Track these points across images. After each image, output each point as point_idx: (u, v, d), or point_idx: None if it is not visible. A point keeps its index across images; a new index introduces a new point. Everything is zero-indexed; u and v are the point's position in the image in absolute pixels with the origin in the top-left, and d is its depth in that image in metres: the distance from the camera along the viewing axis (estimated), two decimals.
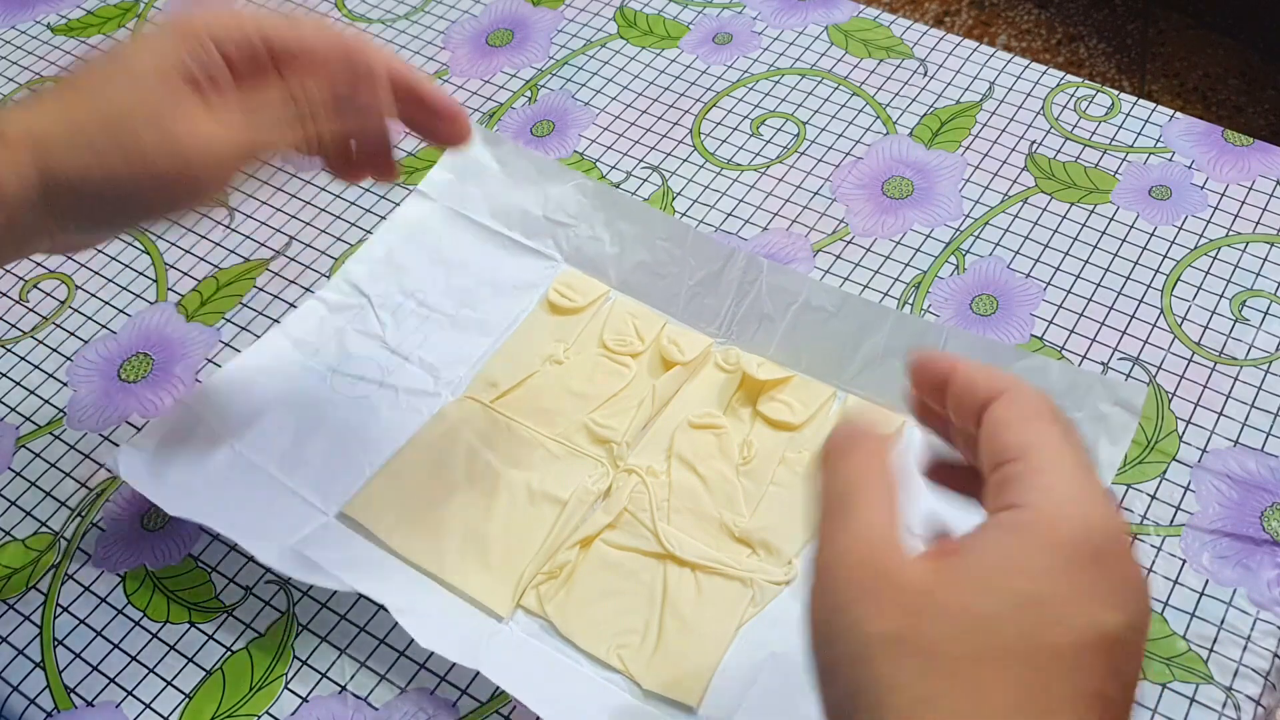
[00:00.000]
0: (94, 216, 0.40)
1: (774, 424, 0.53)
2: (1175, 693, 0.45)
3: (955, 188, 0.62)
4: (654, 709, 0.45)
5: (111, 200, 0.39)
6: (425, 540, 0.50)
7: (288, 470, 0.52)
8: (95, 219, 0.41)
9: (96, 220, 0.41)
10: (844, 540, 0.30)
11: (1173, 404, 0.53)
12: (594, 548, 0.50)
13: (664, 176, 0.63)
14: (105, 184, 0.39)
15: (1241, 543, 0.49)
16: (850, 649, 0.28)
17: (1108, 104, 0.65)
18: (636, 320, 0.56)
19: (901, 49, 0.69)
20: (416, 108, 0.44)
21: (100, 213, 0.40)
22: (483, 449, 0.52)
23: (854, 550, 0.29)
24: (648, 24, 0.72)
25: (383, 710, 0.47)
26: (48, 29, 0.75)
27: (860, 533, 0.30)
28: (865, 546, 0.29)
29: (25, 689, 0.48)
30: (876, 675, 0.27)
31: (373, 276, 0.59)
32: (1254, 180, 0.61)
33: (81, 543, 0.52)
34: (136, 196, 0.40)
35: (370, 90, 0.43)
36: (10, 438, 0.56)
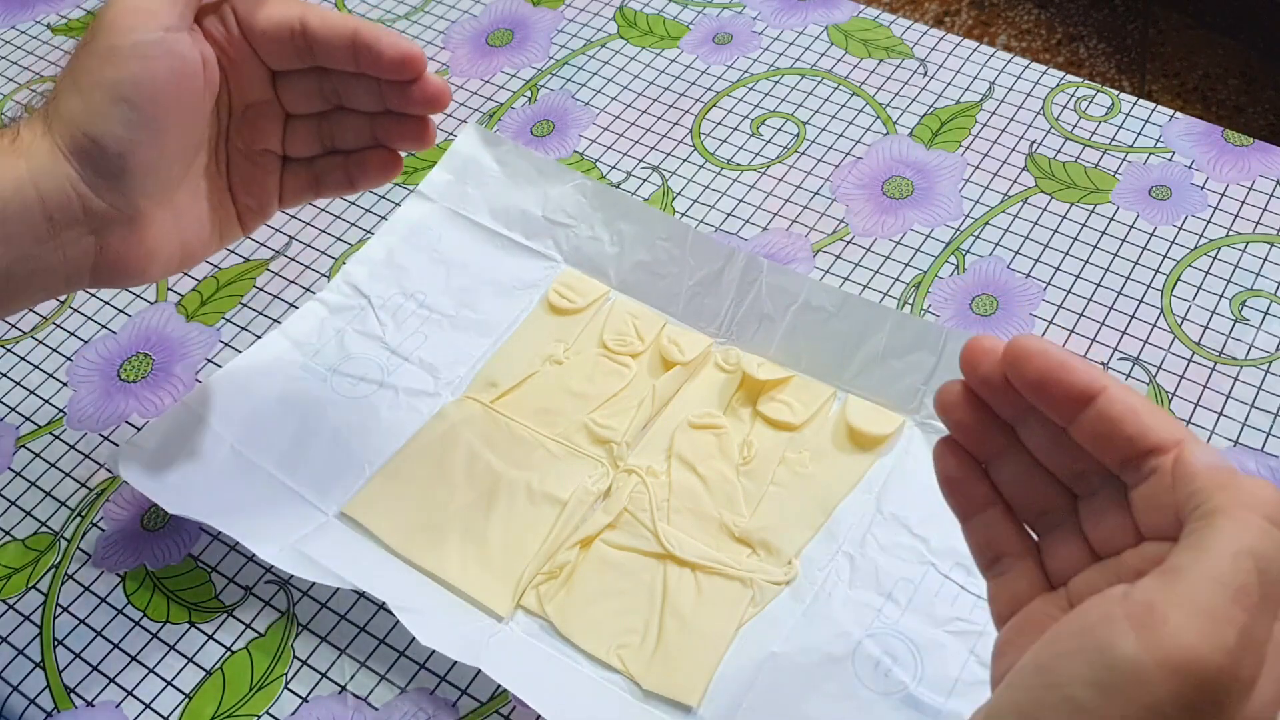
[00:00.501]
0: (106, 142, 0.39)
1: (774, 424, 0.53)
2: None
3: (955, 188, 0.62)
4: (654, 709, 0.45)
5: (114, 102, 0.39)
6: (425, 540, 0.50)
7: (288, 470, 0.52)
8: (109, 146, 0.39)
9: (113, 148, 0.39)
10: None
11: (1173, 404, 0.53)
12: (594, 548, 0.50)
13: (664, 176, 0.64)
14: (107, 89, 0.39)
15: None
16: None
17: (1108, 104, 0.65)
18: (636, 320, 0.56)
19: (901, 49, 0.69)
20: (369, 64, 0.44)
21: (111, 130, 0.39)
22: (483, 449, 0.52)
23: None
24: (648, 24, 0.72)
25: (383, 710, 0.47)
26: (48, 29, 0.75)
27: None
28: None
29: (25, 689, 0.48)
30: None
31: (373, 277, 0.59)
32: (1254, 180, 0.61)
33: (81, 543, 0.52)
34: (130, 85, 0.39)
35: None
36: (10, 438, 0.56)
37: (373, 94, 0.45)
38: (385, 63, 0.43)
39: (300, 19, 0.43)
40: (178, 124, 0.41)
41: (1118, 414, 0.31)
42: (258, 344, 0.56)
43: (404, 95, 0.44)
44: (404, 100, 0.44)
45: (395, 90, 0.44)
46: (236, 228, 0.47)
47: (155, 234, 0.42)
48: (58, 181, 0.39)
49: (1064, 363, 0.31)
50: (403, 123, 0.46)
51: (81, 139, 0.39)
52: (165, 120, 0.40)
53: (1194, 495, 0.28)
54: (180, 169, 0.42)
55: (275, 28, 0.43)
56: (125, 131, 0.39)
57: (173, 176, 0.42)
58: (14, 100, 0.71)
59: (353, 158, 0.47)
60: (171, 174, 0.42)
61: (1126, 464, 0.31)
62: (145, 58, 0.39)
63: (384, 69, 0.43)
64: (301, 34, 0.43)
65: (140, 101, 0.39)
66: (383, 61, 0.43)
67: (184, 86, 0.40)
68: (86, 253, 0.40)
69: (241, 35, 0.43)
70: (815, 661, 0.46)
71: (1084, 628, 0.28)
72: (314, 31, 0.43)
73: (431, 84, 0.44)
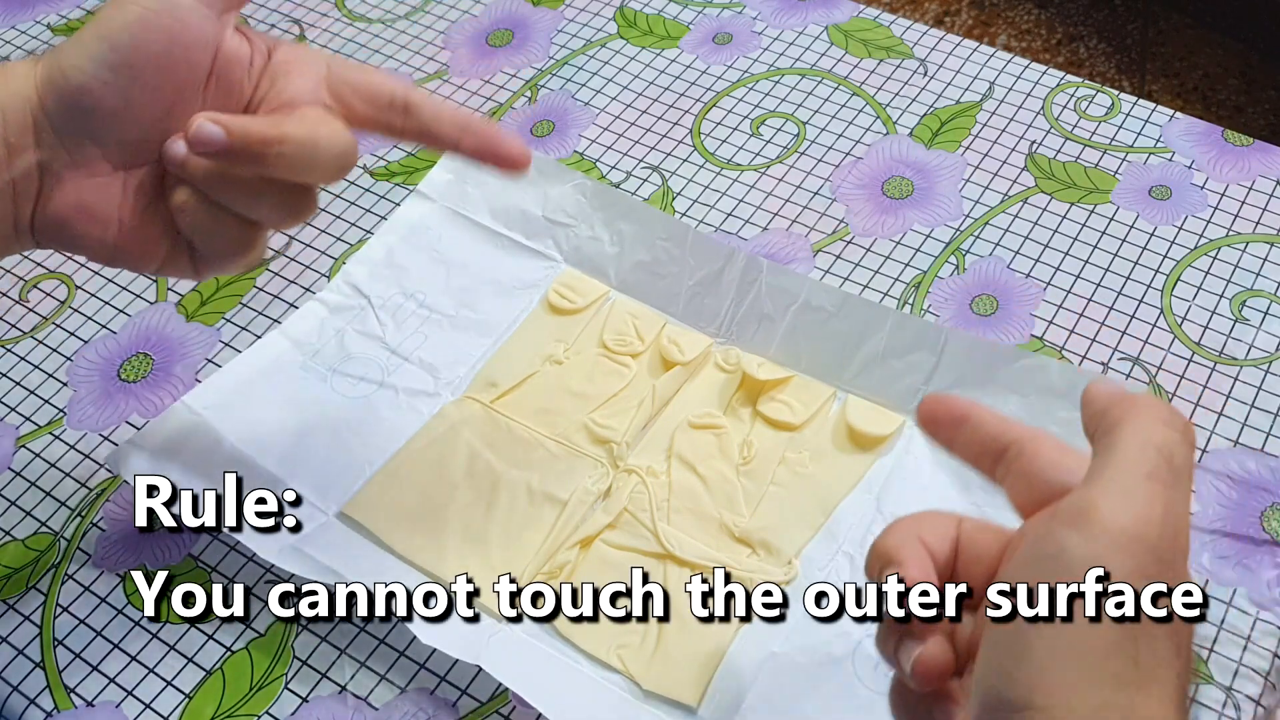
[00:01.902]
0: (85, 96, 0.38)
1: (774, 424, 0.53)
2: None
3: (955, 188, 0.62)
4: (654, 709, 0.45)
5: (102, 61, 0.38)
6: (425, 540, 0.50)
7: (288, 470, 0.52)
8: (74, 78, 0.38)
9: (90, 105, 0.39)
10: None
11: (1173, 404, 0.53)
12: (594, 548, 0.50)
13: (664, 176, 0.64)
14: (96, 42, 0.38)
15: (1241, 543, 0.49)
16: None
17: (1108, 104, 0.65)
18: (636, 320, 0.56)
19: (901, 49, 0.69)
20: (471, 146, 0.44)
21: (92, 85, 0.38)
22: (483, 449, 0.52)
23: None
24: (648, 24, 0.72)
25: (383, 710, 0.47)
26: (48, 29, 0.75)
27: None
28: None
29: (25, 689, 0.48)
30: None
31: (373, 277, 0.59)
32: (1254, 180, 0.61)
33: (81, 543, 0.52)
34: (127, 43, 0.38)
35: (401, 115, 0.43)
36: (10, 438, 0.56)
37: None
38: (502, 158, 0.43)
39: (404, 94, 0.43)
40: (154, 84, 0.39)
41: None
42: (258, 344, 0.56)
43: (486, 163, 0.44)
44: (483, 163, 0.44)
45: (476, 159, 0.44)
46: (185, 262, 0.43)
47: (94, 200, 0.40)
48: (20, 104, 0.38)
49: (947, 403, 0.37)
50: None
51: (55, 69, 0.38)
52: (140, 73, 0.39)
53: (1095, 416, 0.32)
54: (140, 134, 0.40)
55: (372, 89, 0.42)
56: (95, 69, 0.38)
57: (130, 139, 0.40)
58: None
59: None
60: (129, 134, 0.40)
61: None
62: (147, 9, 0.39)
63: (496, 162, 0.43)
64: (402, 106, 0.43)
65: (121, 45, 0.38)
66: (500, 159, 0.43)
67: (173, 49, 0.39)
68: (30, 186, 0.39)
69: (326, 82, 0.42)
70: (815, 661, 0.46)
71: (1032, 554, 0.31)
72: (417, 107, 0.43)
73: (523, 162, 0.44)
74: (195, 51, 0.40)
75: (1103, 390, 0.33)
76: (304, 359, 0.56)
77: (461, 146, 0.43)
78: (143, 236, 0.41)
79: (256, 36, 0.42)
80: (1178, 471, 0.30)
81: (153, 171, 0.41)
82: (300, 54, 0.43)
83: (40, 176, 0.39)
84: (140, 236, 0.41)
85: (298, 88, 0.42)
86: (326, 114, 0.41)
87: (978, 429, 0.36)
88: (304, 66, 0.42)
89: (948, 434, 0.37)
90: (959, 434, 0.36)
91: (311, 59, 0.43)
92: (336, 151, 0.41)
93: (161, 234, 0.41)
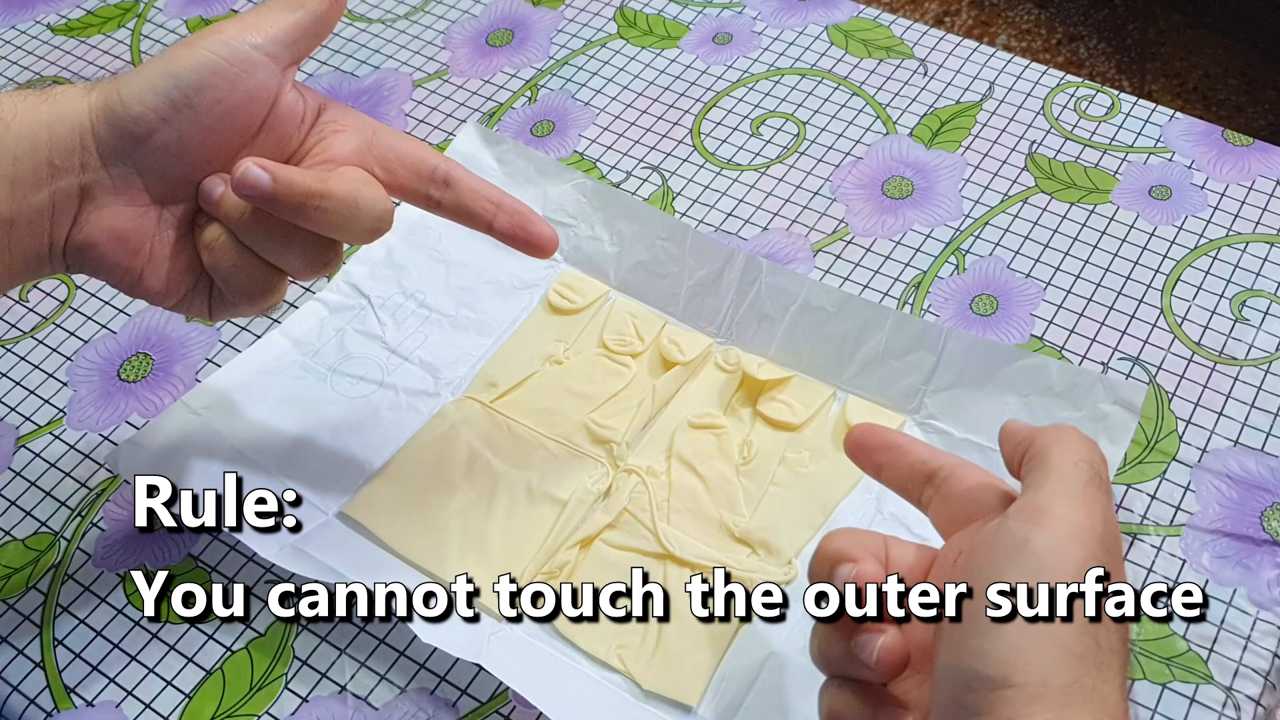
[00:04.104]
0: (142, 121, 0.39)
1: (774, 424, 0.53)
2: (1175, 693, 0.45)
3: (955, 188, 0.62)
4: (654, 709, 0.45)
5: (161, 86, 0.39)
6: (425, 540, 0.50)
7: (288, 470, 0.52)
8: (134, 108, 0.39)
9: (145, 128, 0.39)
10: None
11: (1173, 404, 0.53)
12: (594, 548, 0.50)
13: (664, 176, 0.64)
14: (160, 78, 0.39)
15: (1241, 543, 0.49)
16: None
17: (1108, 104, 0.65)
18: (636, 320, 0.56)
19: (901, 49, 0.69)
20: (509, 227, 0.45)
21: (150, 107, 0.39)
22: (483, 449, 0.52)
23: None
24: (648, 24, 0.72)
25: (383, 710, 0.47)
26: (48, 29, 0.75)
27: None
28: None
29: (25, 689, 0.48)
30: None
31: (373, 277, 0.59)
32: (1254, 180, 0.61)
33: (81, 543, 0.52)
34: (189, 83, 0.39)
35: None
36: (10, 438, 0.56)
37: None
38: (530, 242, 0.45)
39: (446, 169, 0.44)
40: (210, 126, 0.40)
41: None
42: (258, 344, 0.56)
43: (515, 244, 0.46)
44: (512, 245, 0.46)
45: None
46: (203, 302, 0.44)
47: (128, 228, 0.41)
48: (69, 127, 0.39)
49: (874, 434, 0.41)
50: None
51: (114, 97, 0.39)
52: (200, 115, 0.40)
53: (1019, 446, 0.36)
54: (185, 171, 0.41)
55: (415, 159, 0.44)
56: (156, 103, 0.39)
57: (175, 175, 0.41)
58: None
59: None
60: (175, 170, 0.41)
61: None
62: (215, 55, 0.40)
63: (526, 243, 0.45)
64: (443, 180, 0.44)
65: (186, 84, 0.39)
66: (529, 241, 0.45)
67: (235, 96, 0.40)
68: (69, 207, 0.40)
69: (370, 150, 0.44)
70: None
71: (997, 548, 0.34)
72: (457, 182, 0.44)
73: (551, 247, 0.46)
74: (255, 101, 0.41)
75: (1018, 426, 0.37)
76: (304, 359, 0.56)
77: (495, 224, 0.45)
78: (168, 270, 0.42)
79: (310, 93, 0.43)
80: (1105, 484, 0.35)
81: (188, 208, 0.42)
82: (349, 116, 0.44)
83: (80, 199, 0.40)
84: (166, 270, 0.42)
85: (343, 147, 0.43)
86: (368, 177, 0.43)
87: (905, 456, 0.39)
88: (351, 128, 0.44)
89: (876, 461, 0.40)
90: (887, 460, 0.40)
91: (359, 122, 0.44)
92: (375, 214, 0.42)
93: (185, 270, 0.42)
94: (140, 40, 0.74)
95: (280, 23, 0.41)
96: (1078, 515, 0.33)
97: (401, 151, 0.44)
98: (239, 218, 0.41)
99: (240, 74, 0.40)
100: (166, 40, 0.74)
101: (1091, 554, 0.33)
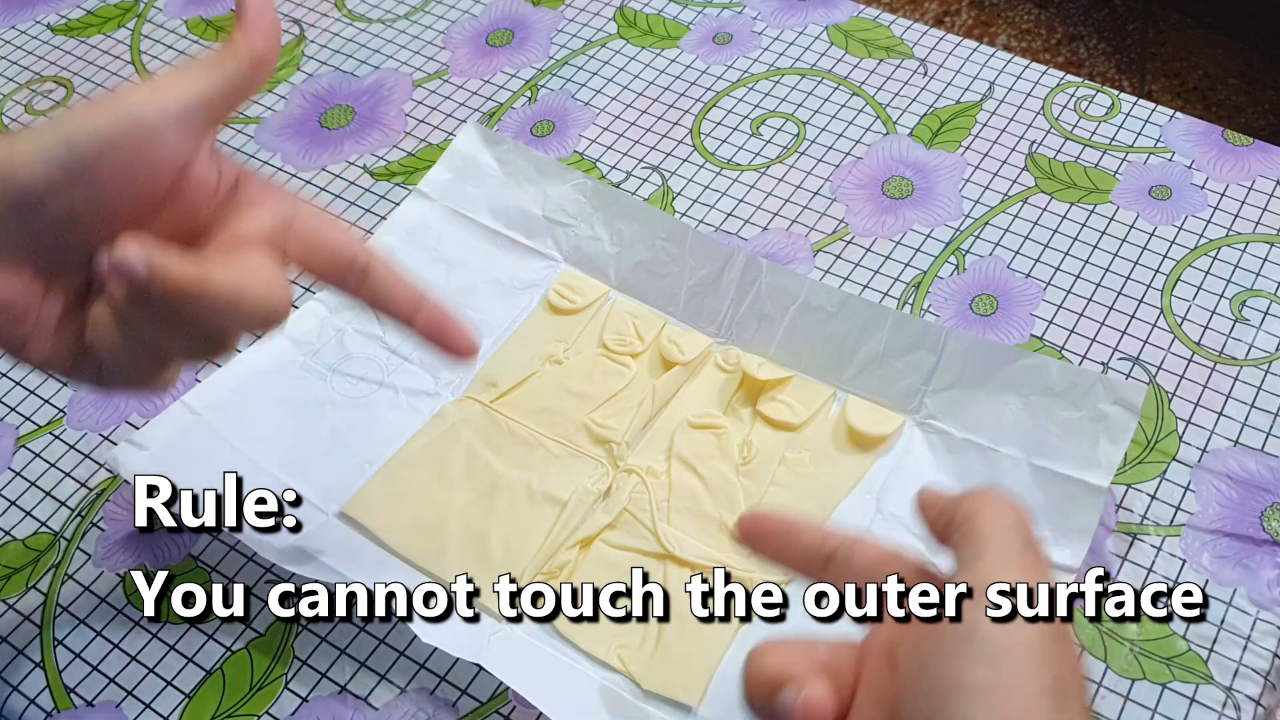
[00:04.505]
0: (37, 212, 0.36)
1: (774, 424, 0.53)
2: (1175, 693, 0.45)
3: (955, 188, 0.62)
4: (654, 709, 0.45)
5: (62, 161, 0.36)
6: (425, 540, 0.50)
7: (288, 470, 0.52)
8: (22, 174, 0.35)
9: (42, 219, 0.36)
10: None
11: (1173, 404, 0.53)
12: (594, 548, 0.50)
13: (664, 176, 0.64)
14: (56, 145, 0.36)
15: (1241, 543, 0.49)
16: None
17: (1108, 104, 0.65)
18: (636, 320, 0.56)
19: (901, 49, 0.69)
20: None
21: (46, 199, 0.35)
22: (483, 449, 0.52)
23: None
24: (648, 24, 0.72)
25: (383, 710, 0.47)
26: (48, 29, 0.75)
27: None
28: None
29: (25, 689, 0.48)
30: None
31: None
32: (1254, 180, 0.61)
33: (81, 543, 0.52)
34: (92, 159, 0.36)
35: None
36: (10, 438, 0.56)
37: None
38: (449, 346, 0.43)
39: (366, 259, 0.42)
40: (107, 198, 0.37)
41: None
42: (257, 344, 0.56)
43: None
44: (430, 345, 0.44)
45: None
46: (93, 374, 0.40)
47: (12, 297, 0.37)
48: None
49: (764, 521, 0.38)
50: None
51: (3, 161, 0.36)
52: (96, 187, 0.36)
53: (942, 514, 0.35)
54: (78, 240, 0.37)
55: (334, 246, 0.41)
56: (47, 172, 0.36)
57: (66, 243, 0.37)
58: (14, 100, 0.71)
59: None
60: (66, 239, 0.37)
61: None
62: (120, 124, 0.36)
63: (444, 349, 0.43)
64: (361, 271, 0.41)
65: (82, 154, 0.36)
66: (446, 347, 0.43)
67: (138, 167, 0.37)
68: None
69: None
70: None
71: (937, 652, 0.31)
72: (375, 275, 0.42)
73: (470, 354, 0.43)
74: (160, 173, 0.38)
75: (936, 494, 0.36)
76: (304, 358, 0.56)
77: (413, 324, 0.42)
78: (56, 339, 0.39)
79: (228, 163, 0.40)
80: (1036, 544, 0.33)
81: (80, 279, 0.38)
82: (269, 192, 0.41)
83: None
84: (53, 339, 0.39)
85: (256, 225, 0.40)
86: (267, 263, 0.39)
87: (798, 539, 0.37)
88: (269, 204, 0.40)
89: (770, 549, 0.38)
90: (781, 547, 0.38)
91: (280, 200, 0.41)
92: (261, 310, 0.38)
93: (74, 340, 0.39)
94: (140, 40, 0.74)
95: (196, 87, 0.38)
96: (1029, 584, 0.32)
97: (321, 236, 0.41)
98: (122, 298, 0.37)
99: (143, 144, 0.37)
100: (166, 40, 0.74)
101: (1043, 630, 0.31)
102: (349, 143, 0.67)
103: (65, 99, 0.71)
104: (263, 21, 0.40)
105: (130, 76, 0.72)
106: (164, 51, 0.73)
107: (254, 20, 0.40)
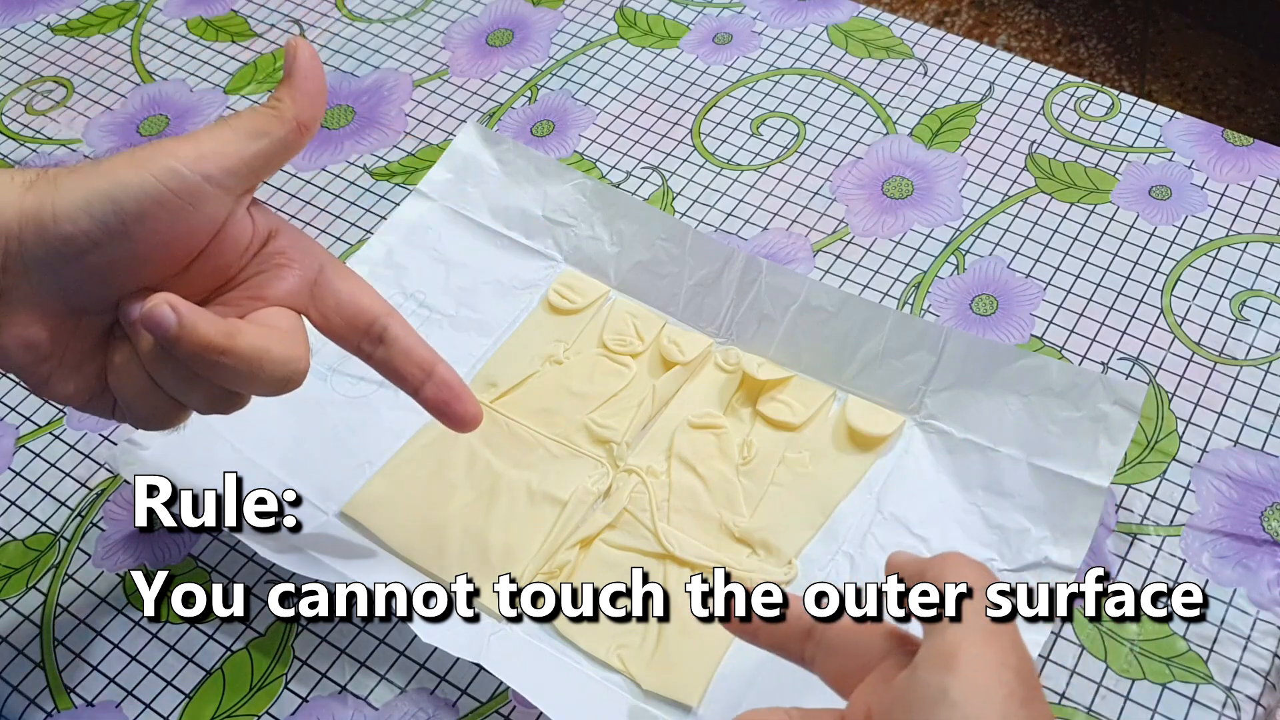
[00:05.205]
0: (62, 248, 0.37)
1: (774, 424, 0.53)
2: (1175, 693, 0.45)
3: (955, 188, 0.62)
4: (654, 709, 0.45)
5: (93, 205, 0.36)
6: (425, 540, 0.50)
7: (288, 470, 0.52)
8: (66, 228, 0.37)
9: (67, 254, 0.37)
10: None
11: (1173, 404, 0.53)
12: (594, 548, 0.50)
13: (664, 176, 0.64)
14: (87, 190, 0.37)
15: (1241, 543, 0.49)
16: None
17: (1108, 104, 0.65)
18: (636, 320, 0.56)
19: (901, 49, 0.69)
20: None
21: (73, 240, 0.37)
22: (483, 449, 0.52)
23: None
24: (648, 24, 0.72)
25: (383, 710, 0.47)
26: (48, 29, 0.75)
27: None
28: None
29: (25, 689, 0.48)
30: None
31: (373, 277, 0.59)
32: (1254, 180, 0.61)
33: (81, 543, 0.52)
34: (125, 203, 0.37)
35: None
36: (10, 438, 0.56)
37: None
38: (454, 418, 0.44)
39: (384, 324, 0.43)
40: (145, 253, 0.38)
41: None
42: None
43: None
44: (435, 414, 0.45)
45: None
46: (110, 408, 0.42)
47: (41, 337, 0.38)
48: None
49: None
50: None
51: (46, 208, 0.37)
52: (135, 243, 0.37)
53: (911, 580, 0.36)
54: (112, 290, 0.39)
55: (354, 310, 0.42)
56: (90, 226, 0.37)
57: (100, 292, 0.39)
58: (14, 100, 0.71)
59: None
60: (101, 288, 0.39)
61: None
62: (162, 184, 0.37)
63: (448, 419, 0.44)
64: (378, 336, 0.43)
65: (126, 212, 0.37)
66: (451, 417, 0.44)
67: (178, 228, 0.38)
68: None
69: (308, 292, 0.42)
70: None
71: (908, 701, 0.33)
72: (391, 342, 0.43)
73: (473, 425, 0.45)
74: (199, 233, 0.39)
75: (904, 558, 0.37)
76: None
77: (422, 392, 0.44)
78: (78, 376, 0.40)
79: (262, 215, 0.41)
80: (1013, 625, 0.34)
81: (107, 320, 0.40)
82: (298, 247, 0.42)
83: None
84: (76, 375, 0.40)
85: (280, 286, 0.41)
86: (290, 329, 0.41)
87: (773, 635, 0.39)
88: (297, 263, 0.42)
89: (751, 626, 0.40)
90: (761, 623, 0.39)
91: (307, 256, 0.42)
92: (280, 375, 0.39)
93: (96, 378, 0.40)
94: (140, 40, 0.74)
95: (239, 152, 0.39)
96: (988, 654, 0.33)
97: (343, 298, 0.42)
98: (147, 348, 0.38)
99: (186, 207, 0.38)
100: (166, 40, 0.74)
101: (1011, 691, 0.32)
102: (349, 143, 0.67)
103: (65, 99, 0.71)
104: (311, 90, 0.40)
105: (130, 76, 0.72)
106: (164, 51, 0.73)
107: (303, 88, 0.40)
